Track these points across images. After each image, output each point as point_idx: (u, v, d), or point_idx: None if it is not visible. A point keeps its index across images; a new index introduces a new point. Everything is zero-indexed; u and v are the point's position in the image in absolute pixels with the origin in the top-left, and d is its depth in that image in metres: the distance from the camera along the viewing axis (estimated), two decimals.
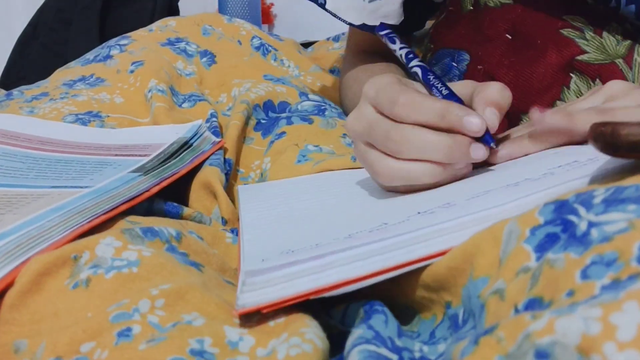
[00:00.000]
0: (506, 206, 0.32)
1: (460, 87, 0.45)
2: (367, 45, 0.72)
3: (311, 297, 0.31)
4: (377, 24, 0.65)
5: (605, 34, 0.54)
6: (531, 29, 0.57)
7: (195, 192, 0.53)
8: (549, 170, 0.36)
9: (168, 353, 0.29)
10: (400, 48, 0.51)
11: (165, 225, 0.41)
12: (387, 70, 0.65)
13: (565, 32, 0.55)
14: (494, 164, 0.45)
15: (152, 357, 0.29)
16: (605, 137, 0.27)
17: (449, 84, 0.46)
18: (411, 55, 0.50)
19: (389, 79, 0.43)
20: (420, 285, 0.32)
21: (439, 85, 0.45)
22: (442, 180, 0.41)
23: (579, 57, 0.54)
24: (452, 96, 0.44)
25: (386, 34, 0.53)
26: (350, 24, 0.65)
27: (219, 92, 0.72)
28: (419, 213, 0.36)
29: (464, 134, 0.40)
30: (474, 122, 0.39)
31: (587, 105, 0.46)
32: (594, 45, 0.54)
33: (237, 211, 0.52)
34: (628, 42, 0.54)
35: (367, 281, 0.31)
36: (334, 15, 0.65)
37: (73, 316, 0.32)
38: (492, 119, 0.40)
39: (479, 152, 0.40)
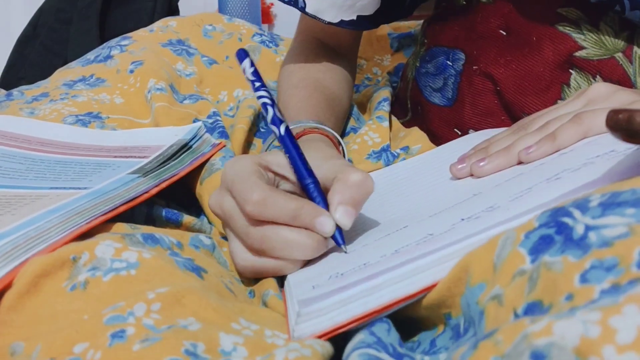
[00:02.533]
0: (551, 200, 0.32)
1: (326, 169, 0.43)
2: (319, 32, 0.70)
3: (364, 321, 0.31)
4: (354, 17, 0.64)
5: (602, 25, 0.53)
6: (525, 24, 0.56)
7: (210, 192, 0.53)
8: (589, 160, 0.36)
9: (163, 354, 0.29)
10: (265, 90, 0.45)
11: (166, 234, 0.41)
12: (310, 102, 0.61)
13: (561, 27, 0.54)
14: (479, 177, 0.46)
15: (147, 358, 0.29)
16: (622, 124, 0.27)
17: (312, 159, 0.43)
18: (273, 103, 0.44)
19: (248, 165, 0.42)
20: (422, 306, 0.32)
21: (297, 158, 0.42)
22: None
23: (577, 54, 0.54)
24: (308, 176, 0.42)
25: (252, 67, 0.45)
26: (329, 24, 0.64)
27: (220, 89, 0.71)
28: (462, 220, 0.35)
29: None
30: (326, 226, 0.39)
31: (569, 109, 0.46)
32: (592, 40, 0.53)
33: None
34: (626, 33, 0.53)
35: (418, 297, 0.31)
36: (314, 18, 0.64)
37: (69, 318, 0.32)
38: (343, 220, 0.40)
39: (329, 244, 0.40)
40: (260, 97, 0.44)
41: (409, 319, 0.34)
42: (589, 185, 0.32)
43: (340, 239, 0.40)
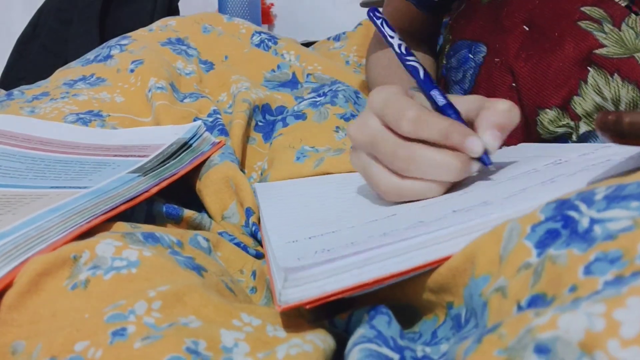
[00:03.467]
0: (542, 202, 0.32)
1: (469, 101, 0.45)
2: (398, 21, 0.72)
3: (354, 294, 0.31)
4: None
5: (624, 26, 0.53)
6: (548, 20, 0.56)
7: (211, 187, 0.53)
8: (585, 167, 0.36)
9: (164, 351, 0.29)
10: (399, 39, 0.50)
11: (167, 233, 0.41)
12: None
13: (583, 24, 0.54)
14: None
15: (148, 356, 0.29)
16: (610, 125, 0.28)
17: (452, 96, 0.45)
18: (408, 51, 0.49)
19: (396, 89, 0.43)
20: (424, 287, 0.32)
21: (437, 94, 0.45)
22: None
23: (597, 51, 0.54)
24: (448, 107, 0.44)
25: (382, 21, 0.51)
26: None
27: (220, 91, 0.72)
28: (454, 211, 0.35)
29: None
30: (475, 146, 0.40)
31: None
32: (613, 39, 0.53)
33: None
34: None
35: (410, 275, 0.31)
36: None
37: (70, 317, 0.32)
38: (492, 142, 0.41)
39: (475, 167, 0.42)
40: (391, 44, 0.48)
41: (409, 307, 0.33)
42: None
43: (487, 159, 0.41)
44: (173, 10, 1.46)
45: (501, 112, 0.41)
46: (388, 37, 0.49)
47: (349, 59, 0.90)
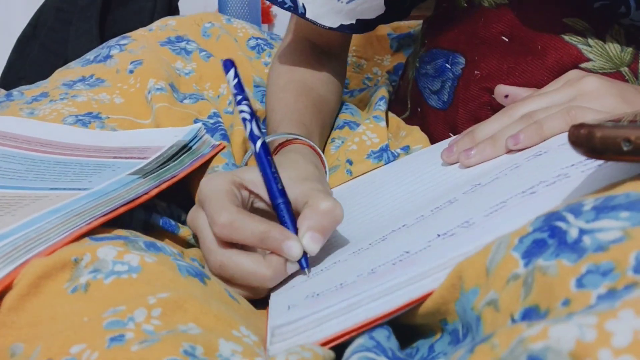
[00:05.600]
0: (526, 221, 0.31)
1: (298, 191, 0.43)
2: (309, 32, 0.70)
3: (340, 340, 0.31)
4: (354, 21, 0.63)
5: (608, 38, 0.53)
6: (530, 32, 0.56)
7: None
8: (563, 170, 0.36)
9: (162, 354, 0.29)
10: (247, 105, 0.45)
11: (168, 245, 0.41)
12: (297, 115, 0.60)
13: (567, 37, 0.54)
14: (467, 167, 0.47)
15: (145, 358, 0.29)
16: (582, 140, 0.28)
17: (287, 179, 0.44)
18: (252, 117, 0.44)
19: (221, 184, 0.42)
20: (418, 315, 0.32)
21: (270, 176, 0.43)
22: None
23: (583, 65, 0.53)
24: (280, 195, 0.42)
25: (235, 77, 0.45)
26: (330, 29, 0.63)
27: (219, 82, 0.72)
28: (438, 236, 0.35)
29: None
30: (293, 249, 0.40)
31: (558, 98, 0.47)
32: (598, 52, 0.53)
33: None
34: (632, 47, 0.53)
35: (396, 314, 0.31)
36: (314, 23, 0.63)
37: (69, 320, 0.32)
38: (311, 245, 0.40)
39: (292, 269, 0.41)
40: (241, 111, 0.44)
41: (406, 326, 0.34)
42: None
43: (305, 263, 0.41)
44: (173, 10, 1.46)
45: (322, 213, 0.41)
46: (237, 96, 0.45)
47: (348, 59, 0.90)
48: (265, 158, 0.43)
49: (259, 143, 0.44)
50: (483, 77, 0.59)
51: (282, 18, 2.09)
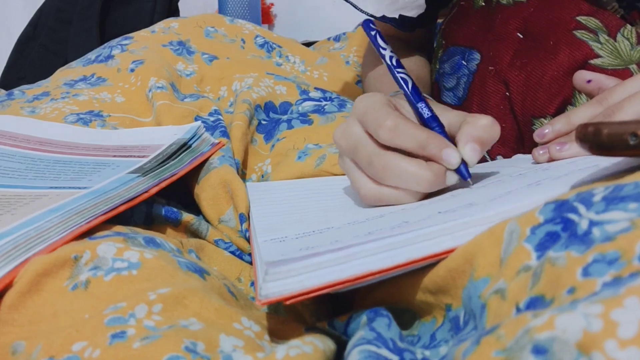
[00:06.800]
0: (527, 203, 0.32)
1: (452, 115, 0.45)
2: (392, 31, 0.73)
3: (335, 290, 0.31)
4: (396, 16, 0.65)
5: (619, 36, 0.53)
6: (543, 28, 0.56)
7: (209, 192, 0.52)
8: (571, 171, 0.36)
9: (163, 351, 0.29)
10: (391, 51, 0.50)
11: (167, 241, 0.41)
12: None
13: (579, 33, 0.55)
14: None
15: (147, 355, 0.29)
16: (589, 136, 0.28)
17: (437, 109, 0.46)
18: (399, 64, 0.49)
19: (380, 97, 0.44)
20: (421, 288, 0.32)
21: (423, 107, 0.45)
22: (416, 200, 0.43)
23: (593, 61, 0.54)
24: (433, 120, 0.44)
25: (376, 33, 0.51)
26: (371, 16, 0.64)
27: (220, 85, 0.71)
28: (439, 213, 0.35)
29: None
30: (452, 157, 0.41)
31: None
32: (608, 49, 0.54)
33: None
34: None
35: (391, 273, 0.31)
36: (354, 6, 0.64)
37: (70, 318, 0.32)
38: (470, 155, 0.41)
39: (452, 179, 0.42)
40: (383, 56, 0.48)
41: (407, 311, 0.34)
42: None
43: (467, 173, 0.41)
44: (173, 11, 1.46)
45: (482, 126, 0.42)
46: (380, 49, 0.49)
47: (349, 59, 0.90)
48: (415, 90, 0.46)
49: (410, 83, 0.47)
50: (496, 72, 0.59)
51: (283, 18, 2.09)
